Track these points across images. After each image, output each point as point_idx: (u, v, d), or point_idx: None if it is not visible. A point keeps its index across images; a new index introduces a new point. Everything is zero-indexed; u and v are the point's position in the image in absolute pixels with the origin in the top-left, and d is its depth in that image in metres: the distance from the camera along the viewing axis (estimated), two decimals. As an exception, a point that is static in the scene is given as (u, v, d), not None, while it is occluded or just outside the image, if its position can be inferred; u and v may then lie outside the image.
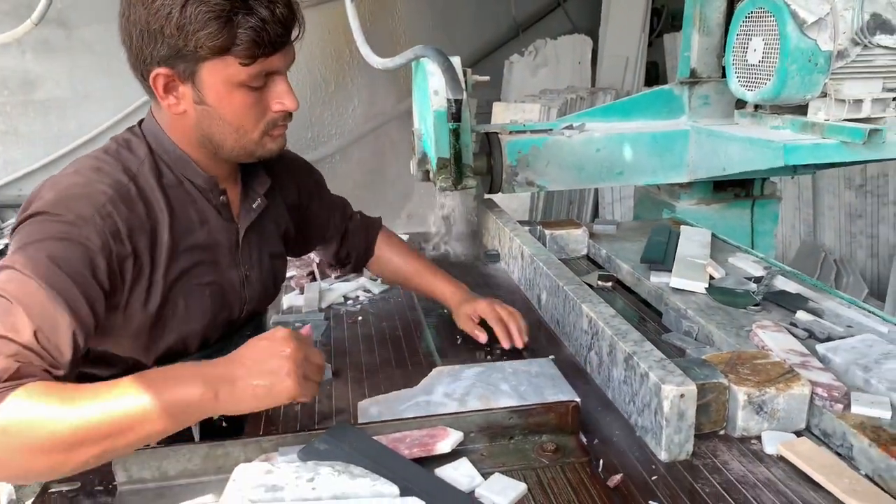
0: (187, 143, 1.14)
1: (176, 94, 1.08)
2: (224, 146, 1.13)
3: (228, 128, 1.10)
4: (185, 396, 0.88)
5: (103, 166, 1.09)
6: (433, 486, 0.93)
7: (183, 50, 1.02)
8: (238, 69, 1.04)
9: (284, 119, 1.14)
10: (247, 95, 1.07)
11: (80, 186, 1.04)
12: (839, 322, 1.38)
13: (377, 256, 1.61)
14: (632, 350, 1.13)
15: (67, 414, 0.82)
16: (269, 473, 0.87)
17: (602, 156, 2.11)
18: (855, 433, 1.03)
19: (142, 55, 1.05)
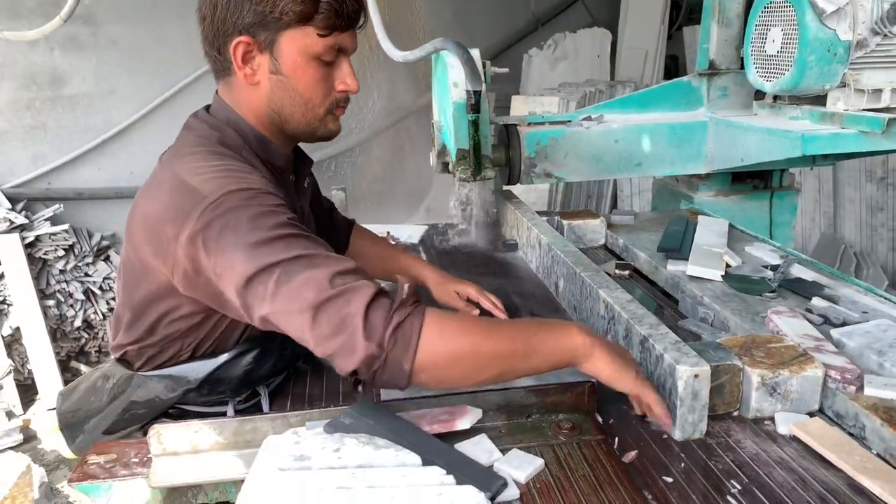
0: (258, 122, 1.18)
1: (252, 65, 1.13)
2: (292, 120, 1.18)
3: (299, 100, 1.15)
4: (569, 340, 1.03)
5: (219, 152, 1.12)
6: (454, 458, 0.97)
7: (268, 16, 1.08)
8: (315, 40, 1.11)
9: (345, 101, 1.21)
10: (318, 69, 1.14)
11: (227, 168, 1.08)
12: (855, 308, 1.40)
13: (351, 245, 1.63)
14: (647, 333, 1.15)
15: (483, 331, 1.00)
16: (297, 444, 0.91)
17: (620, 147, 2.13)
18: (867, 414, 1.06)
19: (225, 25, 1.10)
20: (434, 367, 0.96)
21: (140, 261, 1.13)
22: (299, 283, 0.95)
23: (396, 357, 0.93)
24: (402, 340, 0.93)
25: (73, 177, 4.18)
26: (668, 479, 0.98)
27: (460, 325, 0.98)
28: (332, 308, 0.93)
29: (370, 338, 0.91)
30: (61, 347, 4.04)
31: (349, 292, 0.94)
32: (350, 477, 0.84)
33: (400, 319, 0.93)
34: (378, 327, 0.92)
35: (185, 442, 1.05)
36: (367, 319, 0.92)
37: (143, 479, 1.03)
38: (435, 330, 0.95)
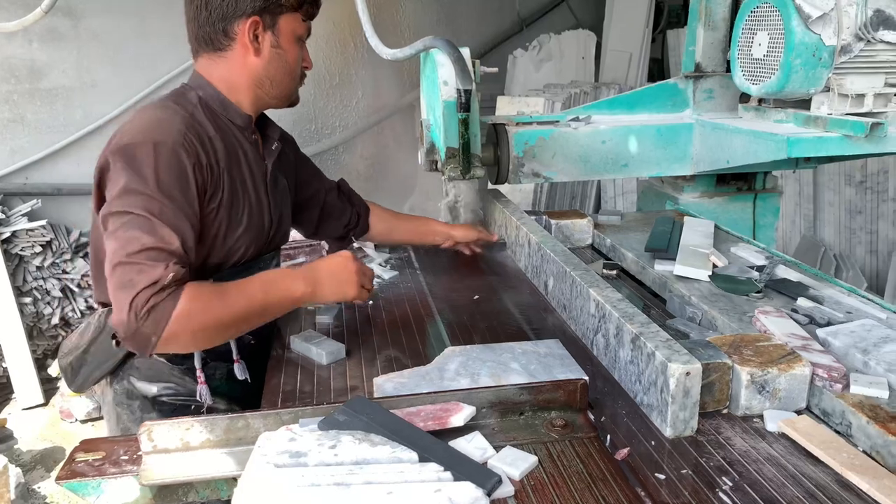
0: (233, 88, 1.40)
1: (259, 41, 1.37)
2: (280, 86, 1.43)
3: (288, 69, 1.43)
4: (295, 290, 1.31)
5: (168, 107, 1.33)
6: (449, 455, 0.97)
7: (274, 2, 1.35)
8: (300, 24, 1.41)
9: (305, 76, 1.50)
10: (298, 48, 1.43)
11: (159, 121, 1.28)
12: (839, 309, 1.42)
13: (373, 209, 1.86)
14: (639, 331, 1.16)
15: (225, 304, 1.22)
16: (293, 441, 0.91)
17: (608, 148, 2.15)
18: (854, 411, 1.07)
19: (238, 7, 1.33)
20: (182, 339, 1.18)
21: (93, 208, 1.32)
22: (128, 236, 1.17)
23: (146, 331, 1.14)
24: (152, 320, 1.14)
25: (51, 172, 4.11)
26: (661, 476, 0.99)
27: (205, 304, 1.19)
28: (129, 269, 1.15)
29: (131, 310, 1.13)
30: (37, 345, 3.97)
31: (146, 266, 1.15)
32: (347, 473, 0.84)
33: (156, 302, 1.14)
34: (139, 305, 1.13)
35: (175, 439, 1.04)
36: (137, 295, 1.13)
37: (133, 477, 1.02)
38: (184, 311, 1.16)
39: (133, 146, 1.23)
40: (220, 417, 1.05)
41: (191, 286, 1.19)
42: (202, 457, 1.04)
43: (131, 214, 1.19)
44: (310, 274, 1.34)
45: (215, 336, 1.24)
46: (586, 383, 1.13)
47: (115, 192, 1.21)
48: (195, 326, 1.18)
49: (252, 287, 1.27)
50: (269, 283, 1.30)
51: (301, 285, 1.31)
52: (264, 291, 1.27)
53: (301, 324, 1.54)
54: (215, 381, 1.43)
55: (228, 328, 1.24)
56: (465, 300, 1.64)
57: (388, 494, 0.79)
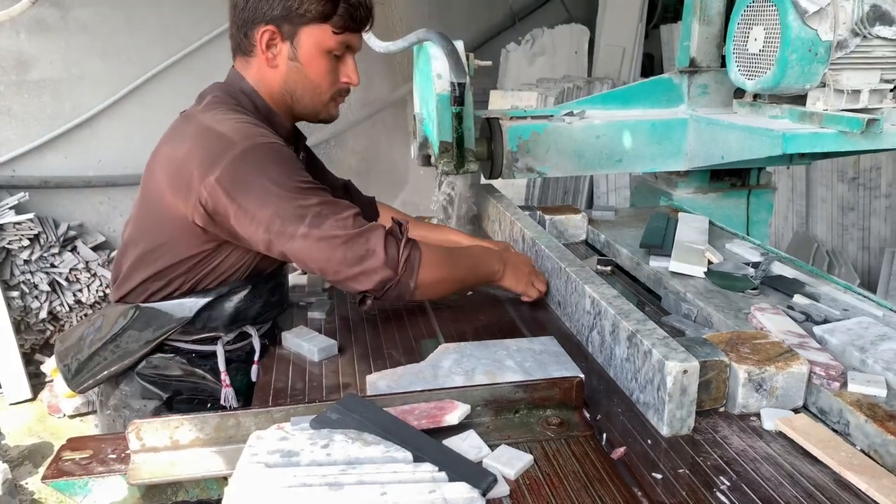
0: (269, 96, 1.37)
1: (274, 51, 1.33)
2: (301, 101, 1.39)
3: (309, 85, 1.37)
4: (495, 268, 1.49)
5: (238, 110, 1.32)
6: (443, 454, 0.95)
7: (293, 12, 1.28)
8: (329, 36, 1.32)
9: (347, 91, 1.43)
10: (328, 61, 1.35)
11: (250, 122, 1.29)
12: (835, 306, 1.41)
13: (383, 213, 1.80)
14: (635, 328, 1.15)
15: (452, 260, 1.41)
16: (284, 440, 0.89)
17: (602, 143, 2.13)
18: (852, 410, 1.06)
19: (255, 13, 1.29)
20: (426, 286, 1.32)
21: (158, 199, 1.29)
22: (330, 224, 1.22)
23: (405, 280, 1.28)
24: (408, 268, 1.28)
25: (39, 164, 4.07)
26: (657, 476, 0.98)
27: (440, 257, 1.35)
28: (357, 243, 1.23)
29: (389, 265, 1.25)
30: (25, 340, 3.93)
31: (368, 231, 1.25)
32: (340, 473, 0.82)
33: (408, 252, 1.27)
34: (394, 258, 1.26)
35: (164, 437, 1.02)
36: (387, 252, 1.25)
37: (121, 476, 1.00)
38: (427, 260, 1.30)
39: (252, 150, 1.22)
40: (210, 415, 1.03)
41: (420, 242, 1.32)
42: (192, 455, 1.02)
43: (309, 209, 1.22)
44: (503, 257, 1.50)
45: (445, 288, 1.38)
46: (582, 381, 1.12)
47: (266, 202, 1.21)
48: (436, 275, 1.32)
49: (469, 253, 1.49)
50: (481, 253, 1.50)
51: (498, 265, 1.48)
52: (477, 258, 1.48)
53: (293, 319, 1.52)
54: (237, 383, 1.40)
55: (453, 284, 1.39)
56: (459, 296, 1.63)
57: (381, 495, 0.77)
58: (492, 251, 1.52)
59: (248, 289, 1.37)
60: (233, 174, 1.20)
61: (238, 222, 1.22)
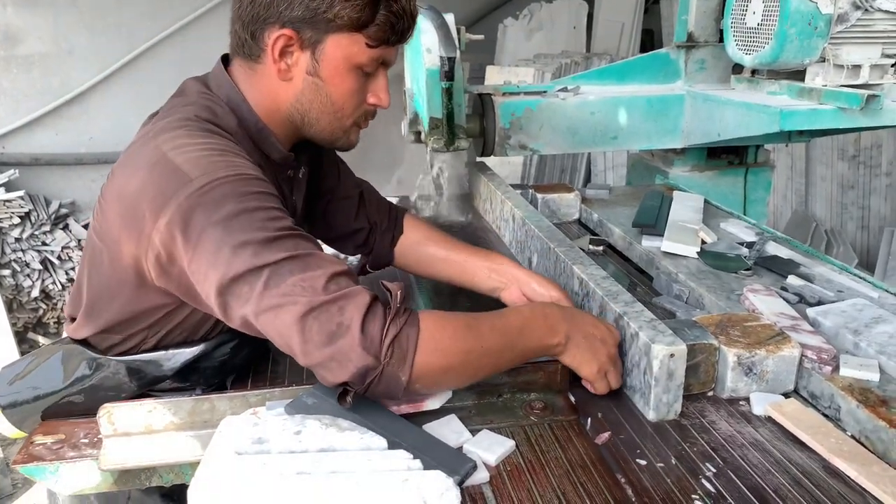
0: (268, 113, 1.10)
1: (289, 61, 1.05)
2: (316, 124, 1.12)
3: (330, 107, 1.09)
4: (552, 337, 1.03)
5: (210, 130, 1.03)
6: (422, 440, 0.93)
7: (320, 15, 1.01)
8: (362, 49, 1.05)
9: (373, 114, 1.16)
10: (357, 79, 1.08)
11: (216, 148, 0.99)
12: (830, 287, 1.38)
13: (409, 235, 1.41)
14: (622, 310, 1.12)
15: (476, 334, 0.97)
16: (256, 426, 0.87)
17: (597, 119, 2.09)
18: (843, 395, 1.04)
19: (268, 11, 1.02)
20: (430, 377, 0.94)
21: (110, 239, 1.02)
22: (290, 286, 0.88)
23: (393, 370, 0.90)
24: (398, 353, 0.89)
25: (29, 141, 4.02)
26: (642, 462, 0.96)
27: (454, 333, 0.95)
28: (324, 315, 0.87)
29: (367, 349, 0.88)
30: (17, 318, 3.91)
31: (343, 299, 0.89)
32: (311, 462, 0.79)
33: (396, 331, 0.90)
34: (375, 339, 0.88)
35: (137, 422, 1.00)
36: (364, 330, 0.88)
37: (93, 461, 0.98)
38: (430, 340, 0.92)
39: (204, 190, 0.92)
40: (184, 399, 1.01)
41: (426, 311, 0.96)
42: (166, 440, 1.00)
43: (268, 266, 0.89)
44: (568, 323, 1.05)
45: (466, 373, 0.98)
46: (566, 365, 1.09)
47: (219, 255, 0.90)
48: (445, 361, 0.94)
49: (505, 320, 1.02)
50: (528, 319, 1.03)
51: (559, 335, 1.03)
52: (520, 327, 1.01)
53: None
54: None
55: (481, 365, 0.98)
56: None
57: (353, 484, 0.75)
58: (547, 311, 1.06)
59: (236, 340, 1.12)
60: (184, 217, 0.92)
61: (193, 277, 0.94)
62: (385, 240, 1.40)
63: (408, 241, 1.40)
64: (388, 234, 1.40)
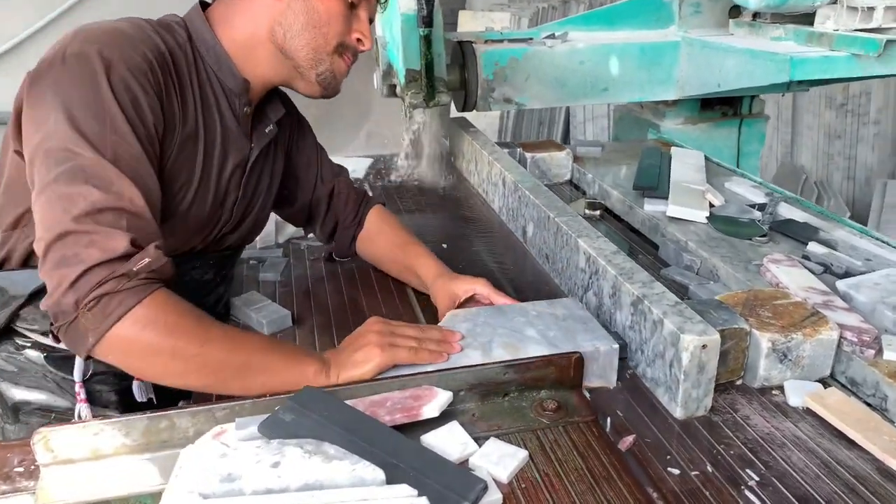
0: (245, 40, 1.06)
1: None
2: (299, 39, 1.06)
3: (316, 20, 1.06)
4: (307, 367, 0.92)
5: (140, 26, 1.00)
6: (421, 460, 0.79)
7: None
8: None
9: (354, 54, 1.14)
10: (343, 5, 1.07)
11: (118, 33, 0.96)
12: (856, 255, 1.26)
13: (367, 230, 1.33)
14: (641, 293, 0.99)
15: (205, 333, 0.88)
16: (224, 458, 0.72)
17: (586, 69, 1.92)
18: (891, 383, 0.92)
19: None
20: (124, 354, 0.87)
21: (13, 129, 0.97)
22: (71, 193, 0.85)
23: (84, 325, 0.83)
24: (99, 312, 0.83)
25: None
26: (675, 472, 0.83)
27: (176, 321, 0.87)
28: (70, 241, 0.84)
29: (74, 291, 0.82)
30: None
31: (96, 235, 0.84)
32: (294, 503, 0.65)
33: (111, 289, 0.83)
34: (85, 286, 0.82)
35: (82, 447, 0.84)
36: (87, 273, 0.83)
37: (30, 496, 0.82)
38: (143, 316, 0.84)
39: (77, 57, 0.90)
40: (137, 417, 0.84)
41: (166, 293, 0.87)
42: (118, 466, 0.84)
43: (72, 156, 0.86)
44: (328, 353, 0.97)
45: (167, 371, 0.89)
46: (581, 357, 0.96)
47: (48, 121, 0.88)
48: (152, 343, 0.85)
49: (250, 336, 0.98)
50: (273, 344, 0.97)
51: (313, 362, 0.93)
52: (260, 348, 0.92)
53: (242, 282, 1.32)
54: (104, 399, 1.11)
55: (188, 371, 0.88)
56: (433, 249, 1.44)
57: (347, 534, 0.61)
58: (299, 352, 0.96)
59: None
60: (38, 75, 0.91)
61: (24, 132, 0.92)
62: (346, 235, 1.34)
63: (365, 236, 1.34)
64: (349, 230, 1.34)
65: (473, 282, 1.16)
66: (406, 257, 1.27)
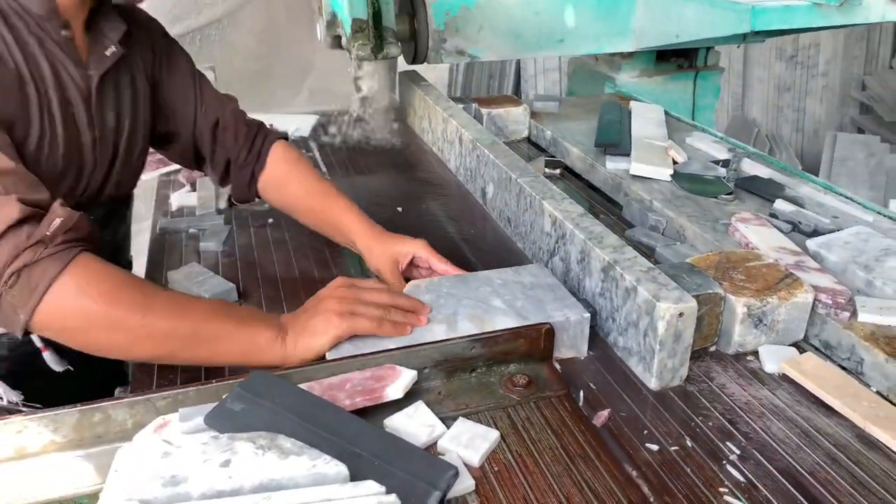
0: None
1: None
2: None
3: None
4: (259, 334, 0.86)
5: None
6: (386, 447, 0.73)
7: None
8: None
9: None
10: None
11: None
12: (823, 212, 1.24)
13: (273, 173, 1.20)
14: (612, 258, 0.93)
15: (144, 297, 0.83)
16: (167, 457, 0.64)
17: (541, 20, 1.84)
18: (867, 346, 0.90)
19: None
20: (61, 328, 0.83)
21: None
22: None
23: (12, 302, 0.78)
24: (25, 286, 0.78)
25: None
26: (653, 447, 0.79)
27: (111, 287, 0.81)
28: None
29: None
30: None
31: None
32: (248, 509, 0.58)
33: (31, 259, 0.77)
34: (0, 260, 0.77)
35: (3, 446, 0.75)
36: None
37: (-54, 504, 0.73)
38: (73, 284, 0.79)
39: None
40: (66, 411, 0.76)
41: (90, 257, 0.82)
42: (48, 466, 0.76)
43: None
44: (284, 318, 0.90)
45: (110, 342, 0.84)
46: (552, 328, 0.90)
47: None
48: (88, 312, 0.80)
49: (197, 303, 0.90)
50: (228, 309, 0.90)
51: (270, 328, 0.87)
52: (212, 316, 0.86)
53: (181, 254, 1.22)
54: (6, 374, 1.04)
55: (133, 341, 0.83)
56: (387, 212, 1.36)
57: (310, 543, 0.54)
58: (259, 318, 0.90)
59: None
60: None
61: None
62: (243, 175, 1.20)
63: (270, 177, 1.20)
64: (246, 168, 1.19)
65: (413, 243, 1.08)
66: (327, 210, 1.15)
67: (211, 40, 4.14)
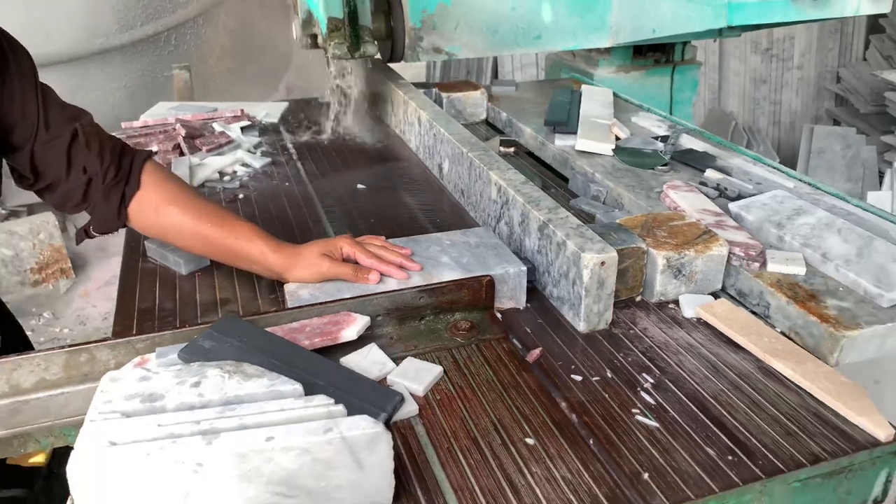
0: None
1: None
2: None
3: None
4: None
5: None
6: (340, 377, 0.83)
7: None
8: None
9: None
10: None
11: None
12: (748, 180, 1.35)
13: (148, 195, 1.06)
14: (546, 218, 1.04)
15: None
16: (146, 380, 0.74)
17: (518, 16, 1.89)
18: (772, 291, 1.01)
19: None
20: None
21: None
22: None
23: None
24: None
25: None
26: (577, 378, 0.90)
27: None
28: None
29: None
30: None
31: None
32: (216, 417, 0.68)
33: None
34: None
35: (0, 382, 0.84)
36: None
37: (-51, 433, 0.82)
38: None
39: None
40: (55, 352, 0.85)
41: None
42: (39, 400, 0.85)
43: None
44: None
45: None
46: (492, 280, 1.01)
47: None
48: None
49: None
50: None
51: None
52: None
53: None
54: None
55: None
56: (351, 189, 1.46)
57: (267, 440, 0.64)
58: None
59: None
60: None
61: None
62: (112, 198, 1.04)
63: (144, 200, 1.06)
64: (115, 189, 1.04)
65: (336, 240, 1.06)
66: (227, 237, 1.05)
67: (186, 39, 4.20)
